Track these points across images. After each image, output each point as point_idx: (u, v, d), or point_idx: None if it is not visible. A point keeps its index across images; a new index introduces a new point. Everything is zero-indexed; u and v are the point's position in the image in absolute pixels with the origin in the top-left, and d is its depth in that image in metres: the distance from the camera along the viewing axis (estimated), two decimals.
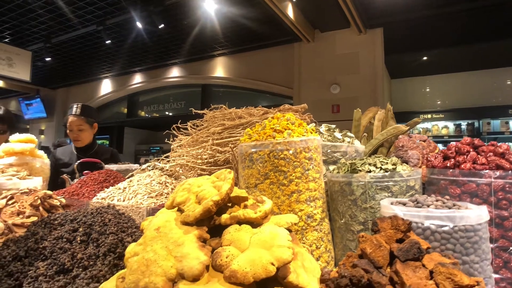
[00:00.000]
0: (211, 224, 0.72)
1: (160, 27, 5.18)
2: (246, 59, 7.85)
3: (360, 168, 0.96)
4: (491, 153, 0.88)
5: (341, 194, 0.98)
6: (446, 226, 0.68)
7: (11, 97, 12.40)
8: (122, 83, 10.17)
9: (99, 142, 10.02)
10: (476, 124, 6.16)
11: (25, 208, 1.34)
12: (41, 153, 1.97)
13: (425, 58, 6.31)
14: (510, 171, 0.81)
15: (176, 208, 0.77)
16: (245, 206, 0.75)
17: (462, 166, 0.87)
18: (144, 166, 2.08)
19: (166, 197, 1.45)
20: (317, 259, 0.94)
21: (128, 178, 1.95)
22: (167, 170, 1.92)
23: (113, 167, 2.26)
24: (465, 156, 0.89)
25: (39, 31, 6.62)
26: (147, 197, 1.40)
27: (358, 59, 6.30)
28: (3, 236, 1.24)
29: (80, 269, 0.90)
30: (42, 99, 11.17)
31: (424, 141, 1.22)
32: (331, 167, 1.17)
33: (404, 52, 6.28)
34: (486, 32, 5.57)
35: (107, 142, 11.14)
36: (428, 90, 7.17)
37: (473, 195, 0.84)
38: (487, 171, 0.83)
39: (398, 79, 7.37)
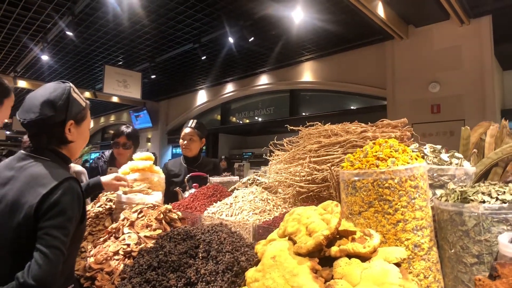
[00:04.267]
0: (321, 255, 0.78)
1: (250, 40, 5.45)
2: (334, 62, 7.73)
3: (472, 198, 0.92)
4: None
5: (451, 224, 0.95)
6: None
7: (123, 110, 14.29)
8: (215, 93, 10.89)
9: None
10: None
11: (151, 221, 1.58)
12: (158, 168, 2.27)
13: None
14: None
15: (287, 237, 0.85)
16: (353, 239, 0.80)
17: None
18: (244, 180, 2.24)
19: (268, 214, 1.55)
20: None
21: (232, 191, 2.13)
22: (266, 183, 2.05)
23: (216, 179, 2.48)
24: None
25: (145, 53, 7.54)
26: (252, 213, 1.53)
27: (460, 53, 5.71)
28: (137, 245, 1.48)
29: (204, 283, 1.04)
30: (148, 111, 12.63)
31: None
32: (438, 191, 1.13)
33: None
34: None
35: (204, 148, 12.08)
36: None
37: None
38: None
39: None
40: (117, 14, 5.36)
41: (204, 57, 6.66)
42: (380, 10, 5.32)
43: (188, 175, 2.57)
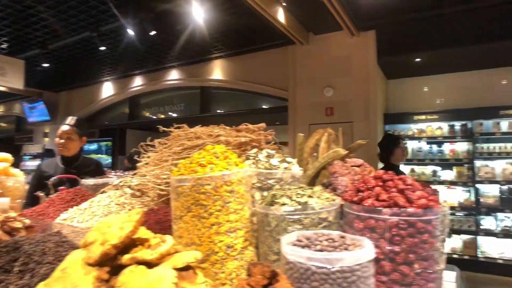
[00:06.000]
0: (114, 264, 0.79)
1: (151, 33, 5.27)
2: (242, 62, 7.91)
3: (277, 201, 1.02)
4: (395, 189, 0.93)
5: (261, 224, 1.04)
6: (324, 267, 0.73)
7: (15, 100, 12.65)
8: (123, 85, 10.31)
9: (102, 144, 10.09)
10: (469, 125, 6.14)
11: None
12: (16, 171, 2.06)
13: (417, 59, 6.29)
14: (403, 209, 0.86)
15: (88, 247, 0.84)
16: (149, 246, 0.82)
17: (364, 202, 0.92)
18: (116, 182, 2.15)
19: None
20: None
21: (100, 194, 2.03)
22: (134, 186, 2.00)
23: (90, 181, 2.34)
24: (371, 192, 0.95)
25: (34, 38, 6.76)
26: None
27: (351, 62, 6.32)
28: None
29: None
30: (45, 103, 11.37)
31: (359, 166, 1.27)
32: (266, 194, 1.23)
33: (398, 53, 6.27)
34: (478, 34, 5.54)
35: (110, 144, 11.34)
36: (425, 90, 7.14)
37: (373, 231, 0.89)
38: (382, 208, 0.88)
39: (395, 80, 7.35)
40: None
41: (104, 48, 6.24)
42: (281, 16, 5.59)
43: (54, 178, 2.38)
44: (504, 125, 6.00)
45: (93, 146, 11.84)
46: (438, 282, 1.17)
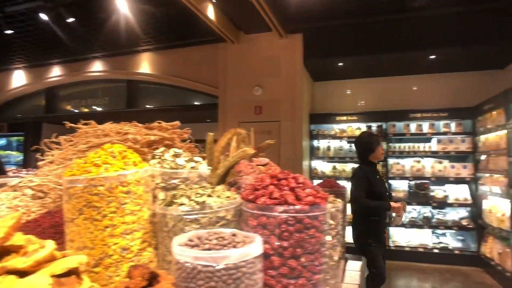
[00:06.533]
0: None
1: (68, 20, 4.87)
2: (172, 57, 7.69)
3: (176, 201, 1.01)
4: (287, 187, 0.98)
5: (160, 225, 1.02)
6: (210, 266, 0.75)
7: None
8: (38, 75, 9.38)
9: (12, 139, 9.06)
10: (384, 126, 6.74)
11: None
12: None
13: (340, 64, 6.71)
14: (291, 206, 0.92)
15: None
16: (25, 253, 0.76)
17: (258, 200, 0.96)
18: (14, 182, 1.95)
19: None
20: None
21: None
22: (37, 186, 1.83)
23: None
24: (265, 190, 0.99)
25: None
26: None
27: (279, 63, 6.52)
28: None
29: None
30: None
31: (264, 165, 1.32)
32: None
33: (323, 57, 6.60)
34: (394, 43, 6.07)
35: (22, 139, 10.25)
36: (348, 93, 7.61)
37: (264, 227, 0.94)
38: (273, 206, 0.92)
39: (321, 82, 7.72)
40: None
41: (11, 31, 5.59)
42: (210, 12, 5.55)
43: None
44: (412, 126, 6.70)
45: (2, 142, 10.63)
46: (332, 273, 1.27)
